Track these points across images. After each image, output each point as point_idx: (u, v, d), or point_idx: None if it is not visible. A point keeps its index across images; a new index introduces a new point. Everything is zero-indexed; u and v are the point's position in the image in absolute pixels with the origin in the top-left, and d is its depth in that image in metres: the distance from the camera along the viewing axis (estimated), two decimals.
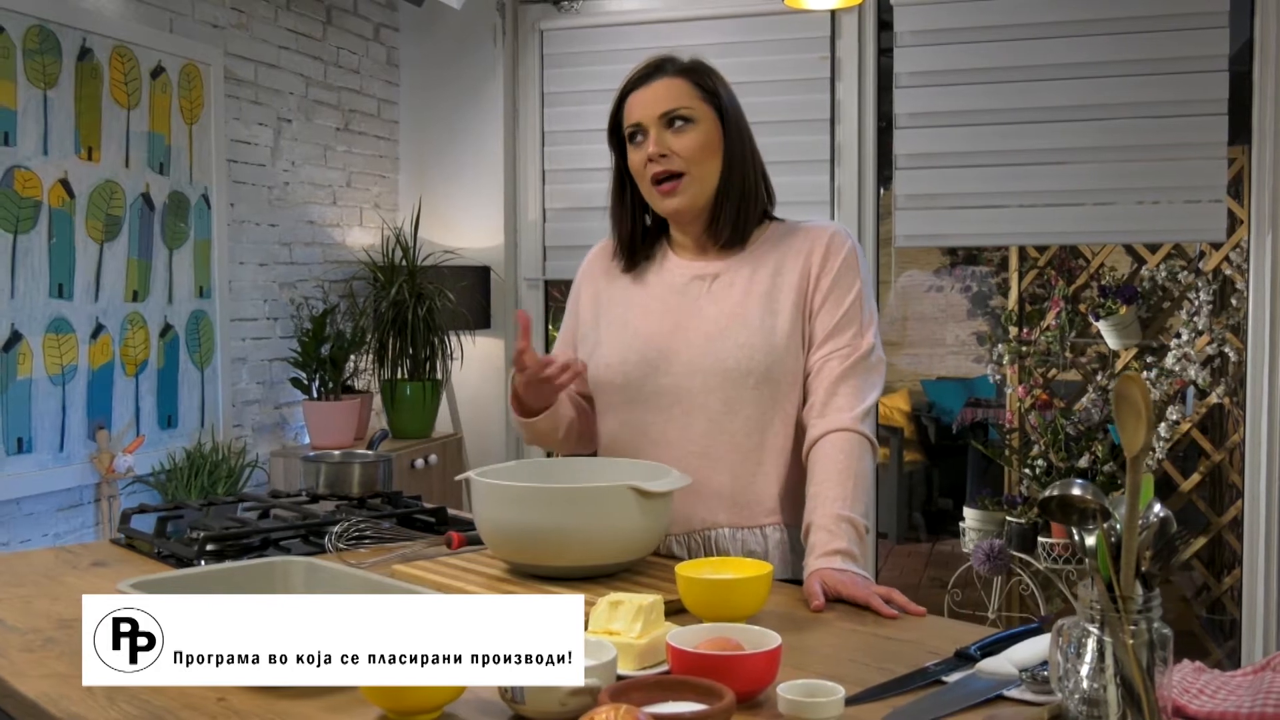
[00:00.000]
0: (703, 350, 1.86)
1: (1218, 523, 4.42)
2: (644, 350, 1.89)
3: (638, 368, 1.89)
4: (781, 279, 1.88)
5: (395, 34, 4.54)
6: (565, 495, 1.65)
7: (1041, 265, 4.83)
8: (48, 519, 3.09)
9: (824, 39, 4.04)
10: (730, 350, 1.84)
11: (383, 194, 4.50)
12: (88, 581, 1.77)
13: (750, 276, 1.89)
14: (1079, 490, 1.08)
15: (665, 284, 1.94)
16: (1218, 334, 4.25)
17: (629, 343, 1.91)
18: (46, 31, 3.02)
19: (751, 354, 1.83)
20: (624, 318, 1.95)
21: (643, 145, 1.86)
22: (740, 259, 1.92)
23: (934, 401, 8.02)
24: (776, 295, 1.86)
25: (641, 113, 1.86)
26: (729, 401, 1.84)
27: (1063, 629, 1.12)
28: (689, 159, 1.84)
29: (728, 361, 1.83)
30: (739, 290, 1.88)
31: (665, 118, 1.85)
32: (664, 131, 1.85)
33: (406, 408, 4.08)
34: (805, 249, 1.89)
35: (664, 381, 1.87)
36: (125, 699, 1.26)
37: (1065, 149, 3.79)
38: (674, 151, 1.84)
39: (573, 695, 1.16)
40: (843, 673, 1.31)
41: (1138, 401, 1.00)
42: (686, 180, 1.85)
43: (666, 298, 1.93)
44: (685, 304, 1.91)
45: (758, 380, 1.83)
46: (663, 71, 1.88)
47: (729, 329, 1.85)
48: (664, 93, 1.86)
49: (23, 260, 2.96)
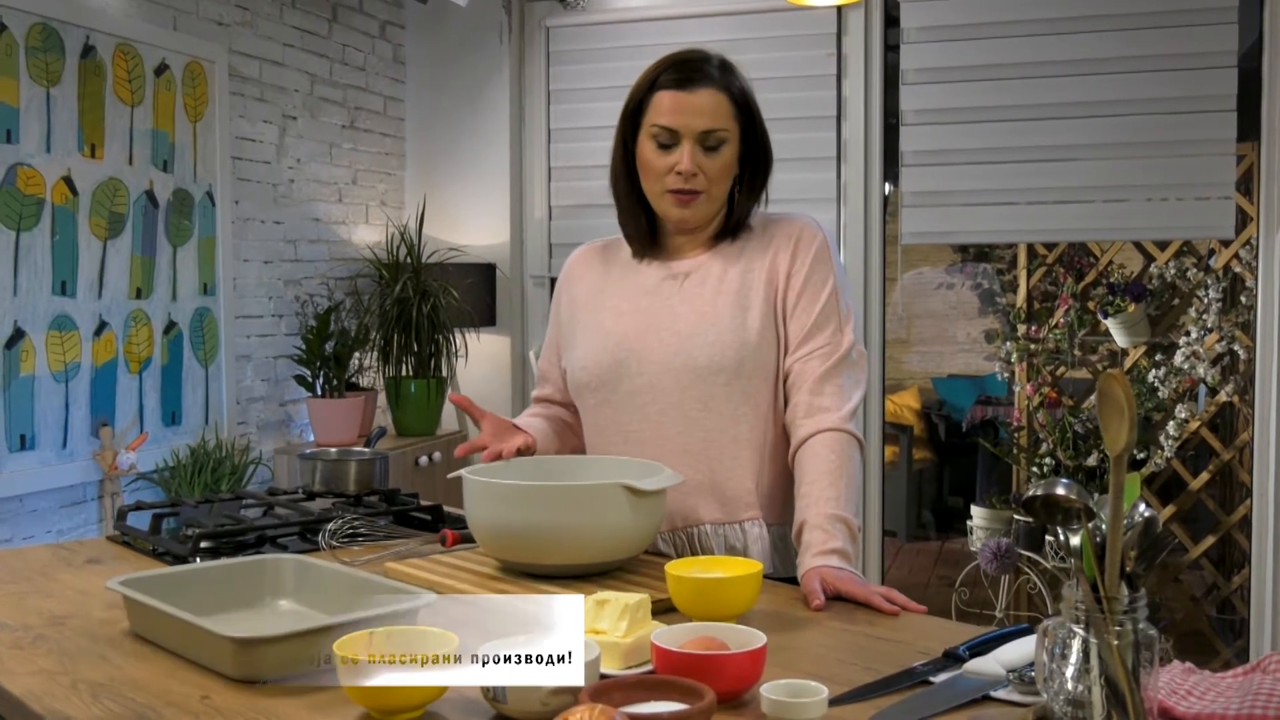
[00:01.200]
0: (675, 349, 1.86)
1: (1227, 522, 4.39)
2: (616, 351, 1.89)
3: (611, 369, 1.89)
4: (751, 275, 1.87)
5: (401, 31, 4.54)
6: (556, 493, 1.64)
7: (1050, 263, 4.81)
8: (51, 515, 3.09)
9: (830, 35, 4.02)
10: (702, 348, 1.84)
11: (389, 191, 4.50)
12: (82, 579, 1.77)
13: (721, 274, 1.89)
14: (1063, 490, 1.07)
15: (637, 285, 1.94)
16: (1227, 332, 4.23)
17: (602, 344, 1.92)
18: (49, 29, 3.02)
19: (723, 351, 1.83)
20: (596, 320, 1.95)
21: (671, 152, 1.83)
22: (711, 256, 1.92)
23: (945, 399, 7.99)
24: (747, 292, 1.86)
25: (680, 121, 1.82)
26: (703, 399, 1.84)
27: (1048, 629, 1.11)
28: (713, 180, 1.84)
29: (699, 360, 1.83)
30: (709, 289, 1.88)
31: (704, 136, 1.82)
32: (698, 149, 1.82)
33: (411, 405, 4.08)
34: (774, 245, 1.89)
35: (638, 381, 1.88)
36: (109, 696, 1.25)
37: (1073, 145, 3.77)
38: (703, 171, 1.83)
39: (554, 695, 1.15)
40: (831, 673, 1.30)
41: (1120, 400, 0.99)
42: (703, 198, 1.85)
43: (638, 299, 1.93)
44: (657, 304, 1.91)
45: (730, 377, 1.83)
46: (706, 79, 1.83)
47: (699, 327, 1.85)
48: (708, 106, 1.82)
49: (25, 258, 2.97)
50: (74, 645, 1.43)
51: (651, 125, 1.85)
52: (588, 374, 1.92)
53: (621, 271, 1.98)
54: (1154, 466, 4.38)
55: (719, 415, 1.84)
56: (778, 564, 1.87)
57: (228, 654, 1.28)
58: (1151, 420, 4.49)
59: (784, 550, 1.88)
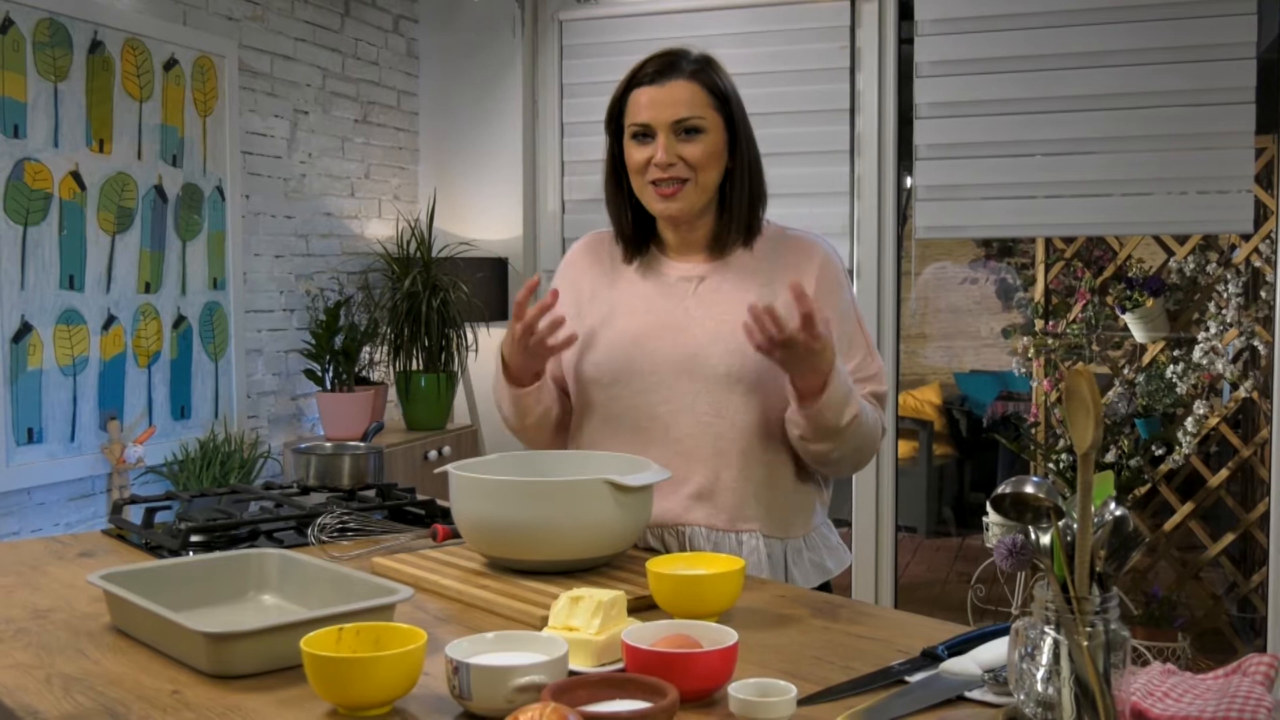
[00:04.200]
0: (690, 353, 1.84)
1: (1246, 519, 4.33)
2: (630, 350, 1.88)
3: (625, 367, 1.88)
4: (770, 290, 1.85)
5: (415, 25, 4.54)
6: (540, 489, 1.63)
7: (1068, 257, 4.76)
8: (59, 509, 3.11)
9: (844, 28, 3.99)
10: (721, 356, 1.83)
11: (402, 185, 4.50)
12: (71, 573, 1.77)
13: (737, 283, 1.88)
14: (1032, 488, 1.05)
15: (651, 284, 1.93)
16: (1246, 327, 4.17)
17: (614, 341, 1.90)
18: (57, 24, 3.03)
19: (743, 361, 1.81)
20: (609, 317, 1.93)
21: (647, 146, 1.84)
22: (725, 263, 1.91)
23: (967, 394, 7.94)
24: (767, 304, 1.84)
25: (652, 115, 1.83)
26: (716, 406, 1.83)
27: (1019, 630, 1.09)
28: (696, 167, 1.83)
29: (719, 368, 1.83)
30: (726, 296, 1.87)
31: (677, 125, 1.82)
32: (673, 139, 1.82)
33: (421, 399, 4.08)
34: (798, 265, 1.89)
35: (650, 380, 1.86)
36: (81, 690, 1.25)
37: (1089, 139, 3.72)
38: (682, 159, 1.82)
39: (519, 692, 1.14)
40: (806, 671, 1.28)
41: (1086, 397, 0.97)
42: (689, 187, 1.84)
43: (652, 298, 1.91)
44: (671, 305, 1.89)
45: (747, 388, 1.82)
46: (677, 71, 1.84)
47: (719, 335, 1.84)
48: (679, 97, 1.82)
49: (33, 252, 2.98)
50: (54, 639, 1.43)
51: (630, 124, 1.86)
52: (599, 370, 1.90)
53: (632, 269, 1.97)
54: (1172, 463, 4.33)
55: (729, 424, 1.83)
56: (782, 579, 1.85)
57: (201, 649, 1.28)
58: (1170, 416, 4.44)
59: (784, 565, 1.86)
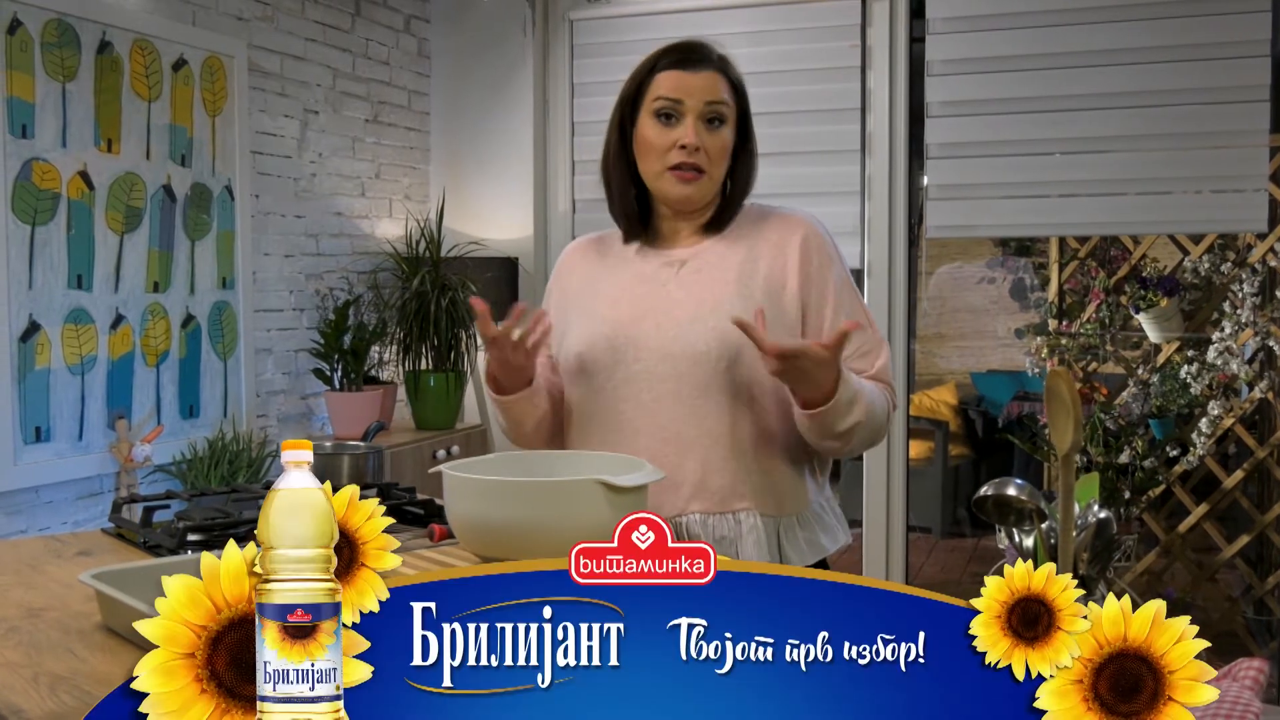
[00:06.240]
0: (673, 336, 1.85)
1: (1262, 521, 4.30)
2: (612, 338, 1.88)
3: (606, 354, 1.88)
4: (754, 266, 1.87)
5: (426, 25, 4.54)
6: (532, 489, 1.62)
7: (1082, 256, 4.73)
8: (66, 507, 3.12)
9: (855, 27, 3.98)
10: (701, 334, 1.83)
11: (413, 185, 4.50)
12: (68, 571, 1.77)
13: (719, 262, 1.88)
14: (1014, 490, 1.04)
15: (632, 273, 1.94)
16: (1261, 327, 4.14)
17: (597, 329, 1.90)
18: (65, 25, 3.04)
19: (724, 338, 1.81)
20: (591, 307, 1.94)
21: (675, 127, 1.85)
22: (708, 244, 1.92)
23: (984, 395, 7.89)
24: (748, 281, 1.86)
25: (685, 93, 1.84)
26: (701, 387, 1.83)
27: None
28: (713, 159, 1.85)
29: (699, 346, 1.82)
30: (707, 275, 1.88)
31: (708, 109, 1.84)
32: (701, 124, 1.84)
33: (430, 399, 4.08)
34: (779, 239, 1.89)
35: (634, 368, 1.86)
36: (67, 689, 1.25)
37: (1102, 137, 3.70)
38: (705, 148, 1.84)
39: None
40: None
41: (1066, 398, 0.96)
42: (706, 178, 1.86)
43: (634, 286, 1.92)
44: (653, 291, 1.90)
45: (729, 364, 1.82)
46: (707, 60, 1.87)
47: (699, 314, 1.84)
48: (710, 84, 1.85)
49: (41, 252, 2.99)
50: (45, 638, 1.43)
51: (654, 100, 1.86)
52: (583, 360, 1.91)
53: (616, 261, 1.98)
54: (1187, 464, 4.30)
55: (715, 404, 1.83)
56: (776, 558, 1.84)
57: None
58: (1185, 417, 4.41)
59: (784, 542, 1.85)
